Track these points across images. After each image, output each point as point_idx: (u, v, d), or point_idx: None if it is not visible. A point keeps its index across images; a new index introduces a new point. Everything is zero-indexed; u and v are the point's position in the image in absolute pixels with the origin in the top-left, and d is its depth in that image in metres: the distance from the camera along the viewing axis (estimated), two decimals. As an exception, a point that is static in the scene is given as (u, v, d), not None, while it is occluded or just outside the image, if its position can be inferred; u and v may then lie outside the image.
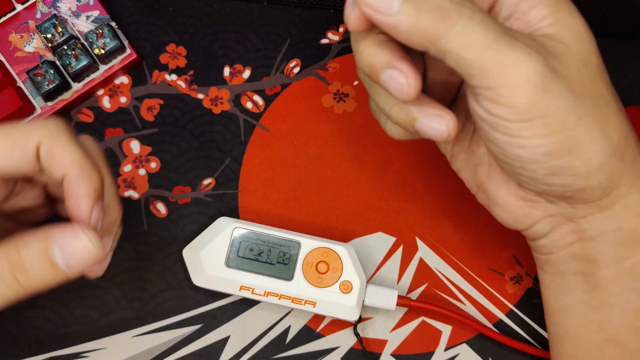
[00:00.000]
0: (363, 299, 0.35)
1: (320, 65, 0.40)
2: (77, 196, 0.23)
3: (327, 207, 0.39)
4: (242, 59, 0.40)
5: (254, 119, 0.40)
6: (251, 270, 0.35)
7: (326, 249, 0.35)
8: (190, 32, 0.40)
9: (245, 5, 0.41)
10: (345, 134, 0.40)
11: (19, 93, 0.37)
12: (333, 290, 0.35)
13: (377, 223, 0.38)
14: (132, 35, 0.40)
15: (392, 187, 0.39)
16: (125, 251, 0.38)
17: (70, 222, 0.23)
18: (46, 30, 0.37)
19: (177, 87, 0.40)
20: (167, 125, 0.39)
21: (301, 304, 0.34)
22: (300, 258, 0.35)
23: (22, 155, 0.23)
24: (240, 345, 0.37)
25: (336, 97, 0.40)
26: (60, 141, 0.23)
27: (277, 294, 0.35)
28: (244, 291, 0.35)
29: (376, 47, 0.25)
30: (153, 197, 0.39)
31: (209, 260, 0.35)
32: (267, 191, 0.39)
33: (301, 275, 0.35)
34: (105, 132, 0.39)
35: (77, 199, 0.23)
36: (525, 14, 0.26)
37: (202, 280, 0.35)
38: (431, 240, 0.38)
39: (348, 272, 0.35)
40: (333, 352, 0.37)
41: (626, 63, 0.41)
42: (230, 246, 0.35)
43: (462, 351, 0.37)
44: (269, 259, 0.35)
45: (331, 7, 0.41)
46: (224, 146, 0.39)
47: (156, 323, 0.37)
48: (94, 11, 0.39)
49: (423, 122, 0.26)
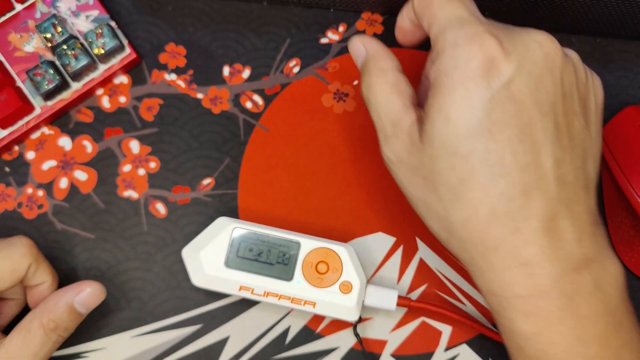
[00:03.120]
0: (363, 300, 0.35)
1: (320, 64, 0.40)
2: (63, 291, 0.32)
3: (326, 207, 0.39)
4: (242, 59, 0.40)
5: (253, 118, 0.40)
6: (251, 271, 0.35)
7: (326, 250, 0.35)
8: (189, 32, 0.40)
9: (245, 5, 0.41)
10: (345, 134, 0.39)
11: (18, 93, 0.37)
12: (333, 290, 0.34)
13: (377, 223, 0.38)
14: (132, 35, 0.40)
15: (392, 187, 0.39)
16: (125, 251, 0.38)
17: (78, 284, 0.33)
18: (45, 30, 0.37)
19: (177, 86, 0.40)
20: (166, 125, 0.39)
21: (301, 305, 0.34)
22: (300, 258, 0.35)
23: (18, 278, 0.32)
24: (240, 345, 0.37)
25: (336, 96, 0.40)
26: (40, 261, 0.33)
27: (276, 294, 0.34)
28: (244, 291, 0.34)
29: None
30: (152, 197, 0.39)
31: (208, 260, 0.35)
32: (266, 191, 0.39)
33: (301, 275, 0.35)
34: (104, 132, 0.39)
35: (64, 292, 0.32)
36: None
37: (201, 281, 0.35)
38: (431, 240, 0.38)
39: (348, 272, 0.35)
40: (333, 352, 0.37)
41: (626, 63, 0.41)
42: (229, 246, 0.35)
43: (462, 351, 0.37)
44: (269, 259, 0.35)
45: (331, 7, 0.41)
46: (223, 146, 0.39)
47: (156, 323, 0.37)
48: (93, 11, 0.39)
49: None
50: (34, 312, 0.31)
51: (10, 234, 0.37)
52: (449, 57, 0.27)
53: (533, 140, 0.27)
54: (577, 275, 0.27)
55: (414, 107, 0.30)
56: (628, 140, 0.37)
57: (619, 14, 0.38)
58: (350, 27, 0.41)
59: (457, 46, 0.27)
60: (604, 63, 0.41)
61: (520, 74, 0.26)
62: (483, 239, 0.27)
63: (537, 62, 0.27)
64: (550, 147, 0.27)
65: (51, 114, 0.38)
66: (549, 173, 0.27)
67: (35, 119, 0.38)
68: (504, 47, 0.26)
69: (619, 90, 0.40)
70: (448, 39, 0.27)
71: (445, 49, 0.27)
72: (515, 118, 0.26)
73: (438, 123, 0.27)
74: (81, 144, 0.39)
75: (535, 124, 0.27)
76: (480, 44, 0.26)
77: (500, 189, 0.26)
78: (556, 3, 0.37)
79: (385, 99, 0.30)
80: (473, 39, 0.27)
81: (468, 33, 0.27)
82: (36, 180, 0.39)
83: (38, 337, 0.30)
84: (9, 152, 0.39)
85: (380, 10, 0.41)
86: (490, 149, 0.26)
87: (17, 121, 0.38)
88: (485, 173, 0.26)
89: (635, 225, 0.37)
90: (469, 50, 0.27)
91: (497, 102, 0.26)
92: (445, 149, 0.27)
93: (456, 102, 0.26)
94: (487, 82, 0.26)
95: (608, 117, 0.40)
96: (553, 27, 0.40)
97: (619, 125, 0.38)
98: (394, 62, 0.30)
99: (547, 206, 0.27)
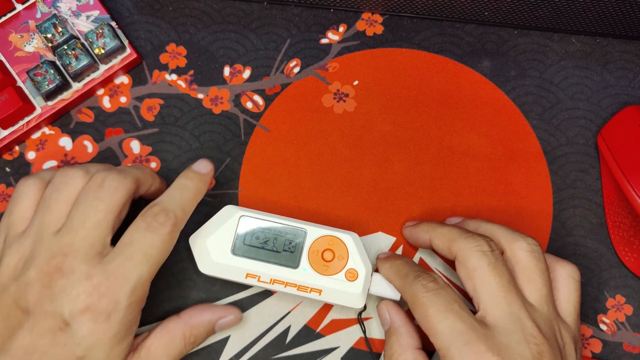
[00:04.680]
0: (368, 288, 0.35)
1: (320, 65, 0.40)
2: (208, 311, 0.36)
3: (326, 207, 0.39)
4: (242, 59, 0.40)
5: (254, 118, 0.40)
6: (257, 258, 0.35)
7: (332, 237, 0.35)
8: (190, 32, 0.40)
9: (245, 5, 0.41)
10: (345, 134, 0.40)
11: (19, 93, 0.37)
12: (339, 278, 0.34)
13: (377, 223, 0.38)
14: (132, 35, 0.40)
15: (392, 187, 0.39)
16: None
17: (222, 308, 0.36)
18: (46, 30, 0.37)
19: (177, 86, 0.40)
20: (167, 125, 0.39)
21: (307, 292, 0.34)
22: (306, 246, 0.35)
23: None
24: (240, 345, 0.37)
25: (336, 97, 0.40)
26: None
27: (283, 281, 0.34)
28: (250, 279, 0.34)
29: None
30: (153, 197, 0.39)
31: (215, 248, 0.35)
32: (267, 191, 0.39)
33: (307, 263, 0.35)
34: (105, 132, 0.39)
35: (209, 312, 0.36)
36: None
37: (208, 268, 0.35)
38: (431, 240, 0.38)
39: (354, 260, 0.35)
40: (333, 352, 0.37)
41: (626, 63, 0.41)
42: (236, 234, 0.35)
43: (462, 351, 0.37)
44: (275, 246, 0.35)
45: (331, 7, 0.41)
46: (224, 146, 0.39)
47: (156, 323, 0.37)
48: (94, 11, 0.39)
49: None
50: (178, 322, 0.34)
51: (11, 233, 0.37)
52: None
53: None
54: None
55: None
56: (628, 140, 0.37)
57: (619, 14, 0.38)
58: (350, 27, 0.41)
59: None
60: (604, 63, 0.41)
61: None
62: None
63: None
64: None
65: (52, 114, 0.38)
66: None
67: (36, 119, 0.38)
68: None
69: (619, 90, 0.40)
70: (455, 357, 0.29)
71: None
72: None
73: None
74: (82, 144, 0.39)
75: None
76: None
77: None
78: (556, 3, 0.37)
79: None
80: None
81: (472, 352, 0.29)
82: (37, 180, 0.39)
83: (179, 347, 0.33)
84: (9, 152, 0.39)
85: (380, 10, 0.41)
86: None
87: (17, 121, 0.38)
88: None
89: (635, 225, 0.37)
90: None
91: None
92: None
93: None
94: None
95: (608, 117, 0.40)
96: (553, 27, 0.40)
97: (619, 125, 0.38)
98: (414, 340, 0.33)
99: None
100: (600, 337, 0.37)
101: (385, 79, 0.40)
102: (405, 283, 0.33)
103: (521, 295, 0.31)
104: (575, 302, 0.33)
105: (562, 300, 0.33)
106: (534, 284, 0.32)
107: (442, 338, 0.30)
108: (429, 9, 0.39)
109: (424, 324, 0.31)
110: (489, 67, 0.40)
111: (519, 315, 0.30)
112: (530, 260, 0.32)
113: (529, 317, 0.30)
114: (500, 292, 0.31)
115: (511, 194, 0.39)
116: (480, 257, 0.31)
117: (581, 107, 0.40)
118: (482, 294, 0.31)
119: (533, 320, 0.30)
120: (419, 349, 0.33)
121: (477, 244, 0.32)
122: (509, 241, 0.33)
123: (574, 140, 0.40)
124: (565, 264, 0.34)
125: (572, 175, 0.39)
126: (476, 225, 0.35)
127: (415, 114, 0.40)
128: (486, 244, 0.32)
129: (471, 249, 0.32)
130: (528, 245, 0.32)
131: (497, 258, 0.31)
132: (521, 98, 0.40)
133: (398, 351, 0.33)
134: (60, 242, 0.31)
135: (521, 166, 0.39)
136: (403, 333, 0.33)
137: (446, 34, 0.41)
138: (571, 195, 0.39)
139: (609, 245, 0.38)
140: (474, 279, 0.31)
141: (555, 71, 0.40)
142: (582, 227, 0.39)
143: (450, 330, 0.30)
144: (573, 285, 0.33)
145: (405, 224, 0.38)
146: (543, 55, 0.41)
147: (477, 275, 0.31)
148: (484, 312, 0.31)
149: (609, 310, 0.38)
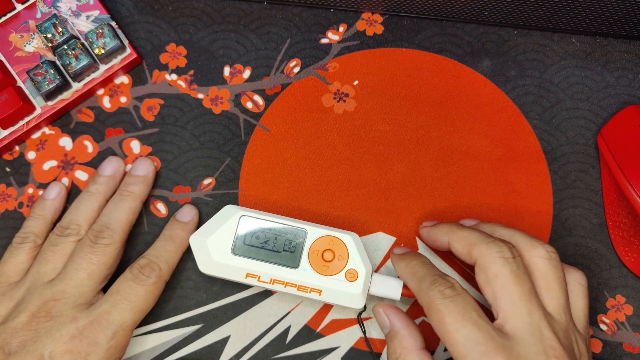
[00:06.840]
0: (368, 288, 0.35)
1: (320, 65, 0.40)
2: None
3: (326, 207, 0.39)
4: (242, 59, 0.40)
5: (254, 118, 0.40)
6: (257, 258, 0.35)
7: (332, 237, 0.35)
8: (190, 32, 0.40)
9: (245, 5, 0.41)
10: (345, 134, 0.40)
11: (19, 93, 0.37)
12: (339, 278, 0.34)
13: (377, 223, 0.38)
14: (132, 35, 0.40)
15: (392, 187, 0.39)
16: (125, 252, 0.38)
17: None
18: (46, 30, 0.37)
19: (177, 86, 0.40)
20: (167, 125, 0.39)
21: (307, 292, 0.34)
22: (306, 246, 0.35)
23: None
24: (240, 345, 0.37)
25: (336, 96, 0.40)
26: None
27: (283, 281, 0.35)
28: (250, 279, 0.34)
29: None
30: (153, 197, 0.39)
31: (215, 247, 0.35)
32: (267, 191, 0.39)
33: (307, 263, 0.35)
34: (105, 132, 0.39)
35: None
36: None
37: (208, 268, 0.35)
38: (431, 240, 0.38)
39: (354, 260, 0.35)
40: (333, 352, 0.37)
41: (626, 63, 0.41)
42: (236, 234, 0.35)
43: (462, 351, 0.37)
44: (275, 246, 0.35)
45: (331, 7, 0.41)
46: (224, 146, 0.39)
47: (156, 323, 0.37)
48: (94, 11, 0.39)
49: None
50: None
51: (10, 234, 0.37)
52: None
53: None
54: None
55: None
56: (628, 140, 0.37)
57: (619, 14, 0.38)
58: (350, 27, 0.41)
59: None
60: (604, 63, 0.41)
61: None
62: None
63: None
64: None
65: (52, 114, 0.38)
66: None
67: (36, 119, 0.38)
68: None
69: (619, 90, 0.40)
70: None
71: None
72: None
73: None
74: (82, 144, 0.39)
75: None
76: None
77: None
78: (556, 3, 0.37)
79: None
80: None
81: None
82: (37, 180, 0.39)
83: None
84: (9, 152, 0.39)
85: (380, 10, 0.41)
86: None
87: (17, 121, 0.38)
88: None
89: (635, 225, 0.37)
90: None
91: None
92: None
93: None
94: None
95: (608, 117, 0.40)
96: (553, 27, 0.40)
97: (619, 125, 0.38)
98: (417, 341, 0.32)
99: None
100: (600, 337, 0.37)
101: (385, 79, 0.40)
102: (421, 287, 0.32)
103: (541, 305, 0.30)
104: (584, 309, 0.32)
105: (573, 307, 0.32)
106: (552, 292, 0.31)
107: (459, 348, 0.29)
108: (429, 8, 0.40)
109: (440, 331, 0.30)
110: (489, 67, 0.40)
111: (539, 325, 0.29)
112: (548, 269, 0.31)
113: (549, 327, 0.29)
114: (521, 300, 0.30)
115: (511, 194, 0.39)
116: (503, 265, 0.31)
117: (581, 107, 0.40)
118: (502, 302, 0.30)
119: (553, 332, 0.29)
120: (423, 349, 0.32)
121: (499, 250, 0.31)
122: (527, 248, 0.32)
123: (574, 140, 0.40)
124: (572, 271, 0.33)
125: (572, 175, 0.39)
126: (492, 229, 0.34)
127: (415, 114, 0.40)
128: (508, 250, 0.31)
129: (492, 255, 0.31)
130: (547, 252, 0.32)
131: (519, 266, 0.31)
132: (521, 98, 0.40)
133: (402, 354, 0.32)
134: (53, 289, 0.33)
135: (521, 166, 0.39)
136: (405, 335, 0.33)
137: (446, 34, 0.41)
138: (571, 195, 0.39)
139: (609, 245, 0.38)
140: (494, 286, 0.31)
141: (555, 71, 0.40)
142: (582, 227, 0.39)
143: (467, 340, 0.29)
144: (582, 292, 0.33)
145: (422, 224, 0.37)
146: (543, 55, 0.41)
147: (498, 283, 0.31)
148: (502, 321, 0.30)
149: (609, 310, 0.38)
